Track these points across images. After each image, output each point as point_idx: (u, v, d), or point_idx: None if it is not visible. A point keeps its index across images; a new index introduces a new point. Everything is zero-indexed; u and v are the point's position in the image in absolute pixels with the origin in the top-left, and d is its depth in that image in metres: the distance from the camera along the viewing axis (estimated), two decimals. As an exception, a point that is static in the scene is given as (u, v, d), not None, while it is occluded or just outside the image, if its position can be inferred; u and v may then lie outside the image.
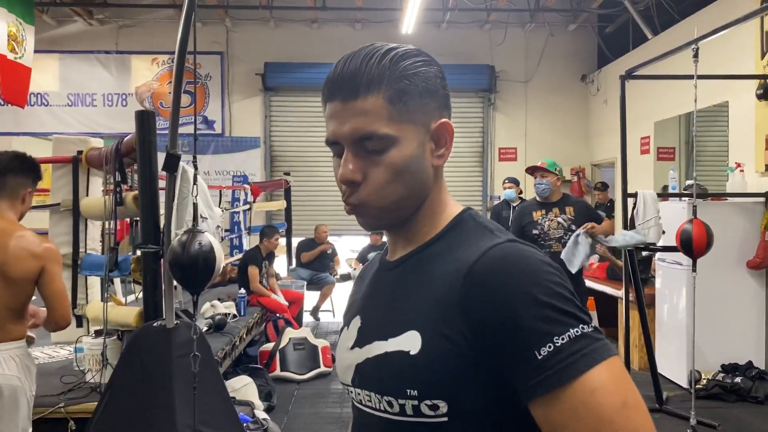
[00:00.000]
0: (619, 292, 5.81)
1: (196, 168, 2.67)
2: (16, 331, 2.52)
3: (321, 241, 8.60)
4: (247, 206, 8.28)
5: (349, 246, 10.93)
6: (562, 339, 0.74)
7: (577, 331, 0.75)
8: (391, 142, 0.86)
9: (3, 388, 2.44)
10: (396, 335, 0.85)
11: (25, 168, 2.60)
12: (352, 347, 0.94)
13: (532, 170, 4.84)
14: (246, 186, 8.38)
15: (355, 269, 8.64)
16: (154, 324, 3.08)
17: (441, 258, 0.88)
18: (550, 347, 0.74)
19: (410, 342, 0.82)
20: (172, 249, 2.56)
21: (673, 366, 5.33)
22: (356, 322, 0.96)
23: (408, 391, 0.82)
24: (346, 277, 8.78)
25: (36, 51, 7.65)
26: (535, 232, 4.55)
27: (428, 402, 0.81)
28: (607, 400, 0.73)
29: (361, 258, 8.73)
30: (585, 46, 10.15)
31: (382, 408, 0.86)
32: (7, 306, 2.48)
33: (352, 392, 0.95)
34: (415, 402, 0.81)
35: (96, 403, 3.20)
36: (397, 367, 0.83)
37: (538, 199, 4.75)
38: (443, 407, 0.81)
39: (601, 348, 0.75)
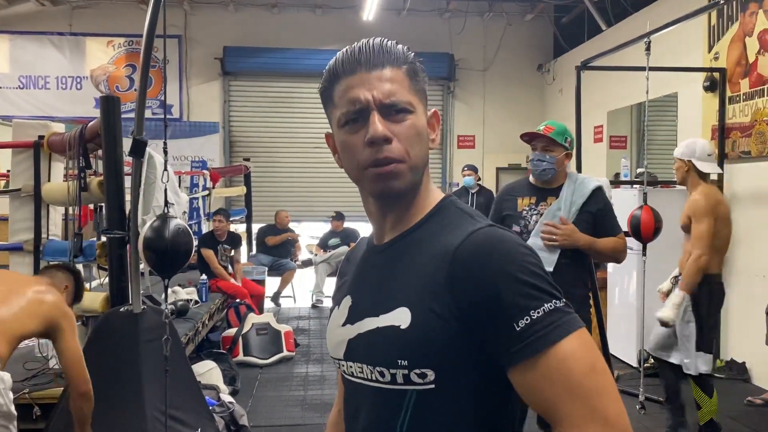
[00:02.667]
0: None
1: (166, 153, 2.69)
2: None
3: (282, 227, 8.62)
4: (206, 192, 8.23)
5: (309, 232, 10.95)
6: (538, 312, 0.84)
7: (550, 306, 0.85)
8: (412, 109, 0.96)
9: None
10: (386, 312, 0.94)
11: None
12: (344, 324, 1.02)
13: (530, 138, 3.13)
14: (205, 171, 8.31)
15: (316, 255, 8.68)
16: (121, 309, 3.10)
17: (427, 242, 0.96)
18: (527, 320, 0.84)
19: (400, 317, 0.91)
20: (146, 234, 2.58)
21: (624, 346, 5.57)
22: (347, 301, 1.04)
23: (399, 361, 0.90)
24: (307, 263, 8.81)
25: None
26: (516, 228, 2.99)
27: (417, 371, 0.90)
28: (578, 365, 0.83)
29: (322, 244, 8.78)
30: (541, 36, 10.34)
31: (374, 378, 0.95)
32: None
33: (343, 365, 1.03)
34: (405, 371, 0.90)
35: (61, 389, 3.21)
36: (389, 340, 0.92)
37: (531, 180, 3.14)
38: (431, 375, 0.90)
39: (571, 320, 0.86)
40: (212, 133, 9.85)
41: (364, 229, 9.35)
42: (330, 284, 8.01)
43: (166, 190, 2.70)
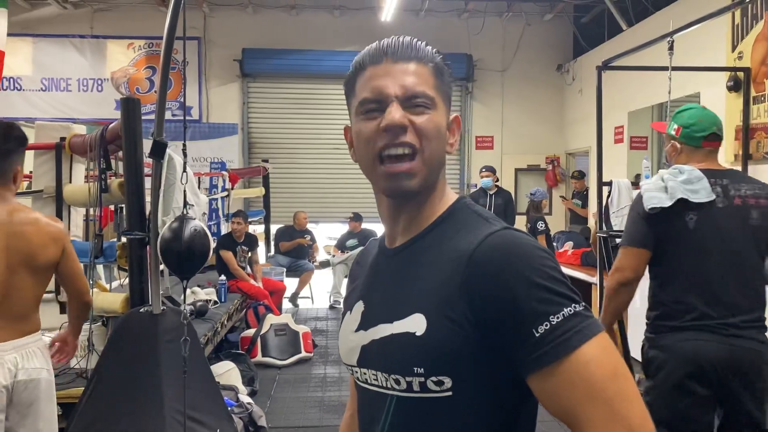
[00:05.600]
0: (593, 278, 5.96)
1: (185, 155, 2.70)
2: (37, 322, 2.43)
3: (300, 229, 8.64)
4: (225, 193, 8.28)
5: (327, 233, 10.97)
6: (557, 317, 0.82)
7: (570, 310, 0.83)
8: (433, 105, 0.95)
9: (41, 381, 2.35)
10: (401, 318, 0.92)
11: (8, 147, 2.33)
12: (357, 330, 1.00)
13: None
14: (224, 173, 8.37)
15: (333, 256, 8.69)
16: (141, 310, 3.12)
17: (440, 245, 0.94)
18: (546, 325, 0.82)
19: (415, 324, 0.89)
20: (164, 235, 2.59)
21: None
22: (359, 306, 1.02)
23: (415, 369, 0.89)
24: (324, 264, 8.82)
25: (9, 34, 7.52)
26: None
27: (434, 378, 0.88)
28: (599, 371, 0.81)
29: (340, 245, 8.78)
30: (561, 36, 10.27)
31: (389, 386, 0.93)
32: (33, 296, 2.38)
33: (356, 372, 1.01)
34: (422, 379, 0.89)
35: (82, 388, 3.23)
36: (404, 347, 0.90)
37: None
38: (448, 383, 0.88)
39: (591, 325, 0.84)
40: (231, 135, 9.90)
41: (382, 230, 9.33)
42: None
43: (185, 191, 2.71)
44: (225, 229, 8.29)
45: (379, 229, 7.04)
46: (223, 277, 6.11)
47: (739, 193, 2.31)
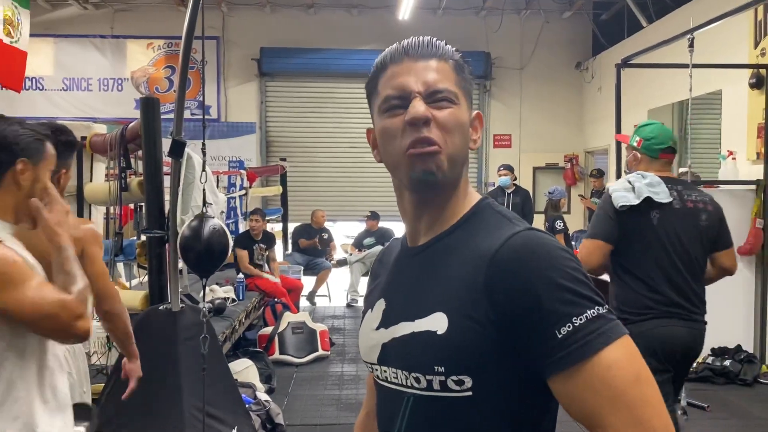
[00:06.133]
0: (613, 278, 5.90)
1: (204, 154, 2.72)
2: None
3: (318, 227, 8.66)
4: (243, 191, 8.32)
5: (344, 232, 10.99)
6: (580, 319, 0.81)
7: (593, 312, 0.82)
8: (456, 100, 0.95)
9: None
10: (422, 317, 0.91)
11: (63, 148, 2.24)
12: (377, 328, 1.00)
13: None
14: (242, 171, 8.41)
15: (350, 254, 8.70)
16: (160, 307, 3.15)
17: (463, 245, 0.94)
18: (569, 327, 0.81)
19: (437, 323, 0.89)
20: (183, 234, 2.61)
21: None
22: (380, 304, 1.02)
23: (435, 367, 0.88)
24: (342, 263, 8.84)
25: (31, 35, 7.62)
26: None
27: (454, 378, 0.88)
28: (622, 374, 0.80)
29: (357, 244, 8.80)
30: (580, 33, 10.19)
31: (409, 384, 0.93)
32: None
33: (376, 370, 1.01)
34: (442, 378, 0.88)
35: (102, 384, 3.27)
36: (425, 345, 0.90)
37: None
38: (468, 382, 0.88)
39: (614, 327, 0.83)
40: (249, 134, 9.96)
41: (399, 229, 9.34)
42: (365, 284, 8.02)
43: (204, 190, 2.73)
44: (243, 227, 8.35)
45: (396, 227, 7.07)
46: (241, 275, 6.15)
47: (691, 198, 2.66)
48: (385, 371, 0.98)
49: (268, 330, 5.87)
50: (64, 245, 1.64)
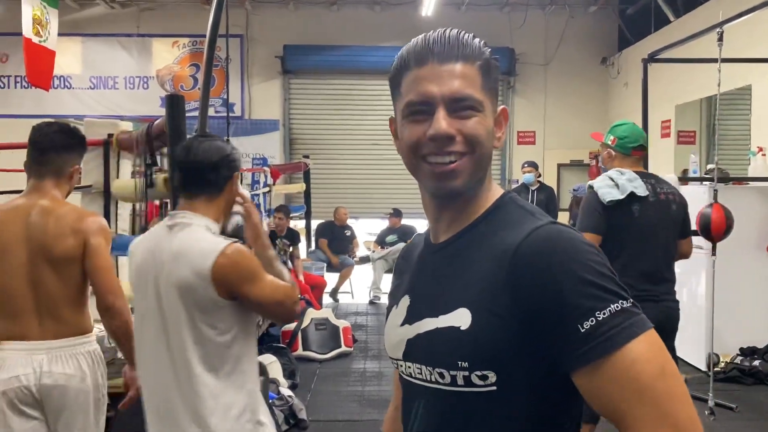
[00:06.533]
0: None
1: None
2: (76, 325, 2.21)
3: (341, 224, 8.68)
4: (267, 189, 8.37)
5: (367, 229, 11.00)
6: (604, 314, 0.80)
7: (617, 306, 0.81)
8: (480, 108, 0.93)
9: (68, 389, 2.14)
10: (446, 312, 0.92)
11: (73, 143, 2.32)
12: (402, 324, 1.00)
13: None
14: (265, 168, 8.46)
15: (373, 251, 8.71)
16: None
17: (486, 239, 0.94)
18: (592, 321, 0.80)
19: (460, 318, 0.89)
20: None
21: (692, 349, 5.36)
22: (405, 300, 1.03)
23: (459, 363, 0.88)
24: (364, 260, 8.84)
25: (59, 34, 7.74)
26: None
27: (478, 373, 0.88)
28: (647, 368, 0.79)
29: (380, 240, 8.80)
30: (605, 28, 10.07)
31: (433, 379, 0.93)
32: (62, 294, 2.18)
33: (401, 366, 1.01)
34: (466, 373, 0.88)
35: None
36: (449, 341, 0.90)
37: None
38: (492, 377, 0.88)
39: (639, 322, 0.82)
40: (272, 131, 10.01)
41: (422, 226, 9.33)
42: (387, 281, 8.03)
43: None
44: (266, 224, 8.40)
45: (419, 224, 7.05)
46: (264, 272, 6.19)
47: (663, 190, 2.97)
48: (409, 367, 0.98)
49: (292, 326, 5.89)
50: (268, 242, 1.95)
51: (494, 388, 0.88)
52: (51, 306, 2.17)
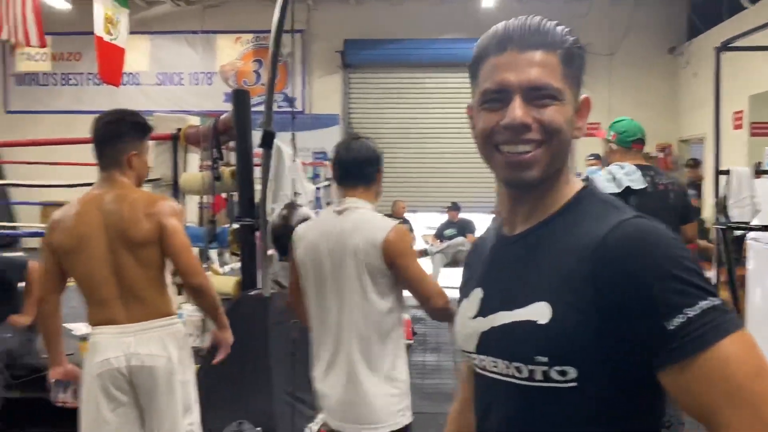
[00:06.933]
0: (709, 273, 5.63)
1: (294, 146, 2.78)
2: (159, 307, 2.28)
3: (398, 217, 8.70)
4: (327, 183, 8.45)
5: (425, 222, 10.98)
6: (693, 311, 0.77)
7: (707, 304, 0.78)
8: (559, 97, 0.91)
9: (155, 369, 2.21)
10: (522, 306, 0.90)
11: (122, 131, 2.32)
12: (475, 317, 0.99)
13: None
14: (326, 162, 8.54)
15: (432, 245, 8.69)
16: (252, 293, 3.25)
17: (566, 232, 0.91)
18: (682, 318, 0.77)
19: (538, 312, 0.87)
20: (274, 222, 2.68)
21: (765, 350, 5.15)
22: (477, 293, 1.01)
23: (537, 357, 0.86)
24: (423, 253, 8.83)
25: (129, 32, 8.01)
26: None
27: (558, 368, 0.86)
28: (741, 368, 0.76)
29: (438, 234, 8.77)
30: (674, 16, 9.73)
31: (510, 373, 0.91)
32: (144, 276, 2.25)
33: (474, 358, 1.00)
34: (545, 368, 0.86)
35: (197, 366, 3.41)
36: (526, 335, 0.88)
37: None
38: (572, 373, 0.85)
39: (731, 320, 0.79)
40: (332, 125, 10.11)
41: (481, 220, 9.24)
42: (446, 275, 8.00)
43: (293, 180, 2.79)
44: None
45: (477, 218, 6.96)
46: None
47: (661, 181, 3.11)
48: (483, 360, 0.97)
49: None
50: None
51: (574, 384, 0.86)
52: (134, 290, 2.24)
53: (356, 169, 2.17)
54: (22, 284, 3.78)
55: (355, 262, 2.05)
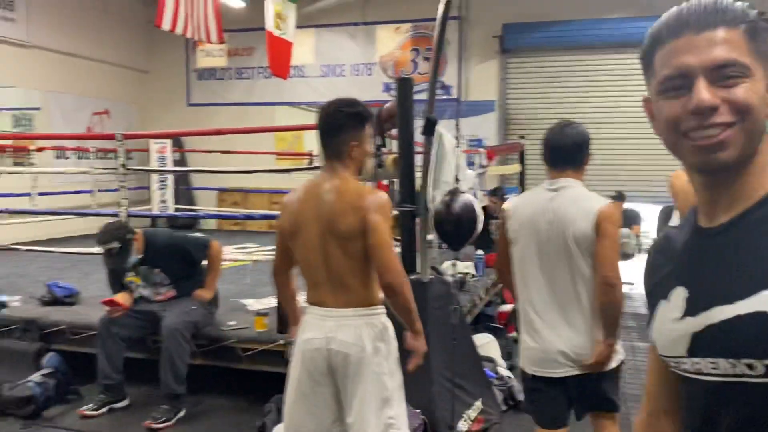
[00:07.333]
0: None
1: (458, 131, 2.78)
2: (363, 297, 2.31)
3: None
4: (482, 170, 8.38)
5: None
6: None
7: None
8: (748, 73, 0.84)
9: (349, 357, 2.24)
10: (745, 297, 0.83)
11: (343, 123, 2.32)
12: (682, 317, 0.93)
13: None
14: (481, 150, 8.46)
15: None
16: (411, 277, 3.31)
17: None
18: None
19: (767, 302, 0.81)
20: (436, 208, 2.70)
21: None
22: (680, 292, 0.94)
23: None
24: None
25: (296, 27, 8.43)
26: None
27: None
28: None
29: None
30: None
31: (739, 372, 0.84)
32: (348, 267, 2.29)
33: (684, 363, 0.93)
34: None
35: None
36: (758, 327, 0.81)
37: None
38: None
39: None
40: (488, 112, 9.99)
41: (647, 210, 8.70)
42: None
43: (456, 166, 2.80)
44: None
45: (643, 208, 6.60)
46: (480, 251, 6.22)
47: None
48: (697, 363, 0.90)
49: (507, 308, 5.87)
50: None
51: None
52: (340, 277, 2.30)
53: (568, 153, 2.39)
54: (204, 262, 4.14)
55: (571, 233, 2.27)
